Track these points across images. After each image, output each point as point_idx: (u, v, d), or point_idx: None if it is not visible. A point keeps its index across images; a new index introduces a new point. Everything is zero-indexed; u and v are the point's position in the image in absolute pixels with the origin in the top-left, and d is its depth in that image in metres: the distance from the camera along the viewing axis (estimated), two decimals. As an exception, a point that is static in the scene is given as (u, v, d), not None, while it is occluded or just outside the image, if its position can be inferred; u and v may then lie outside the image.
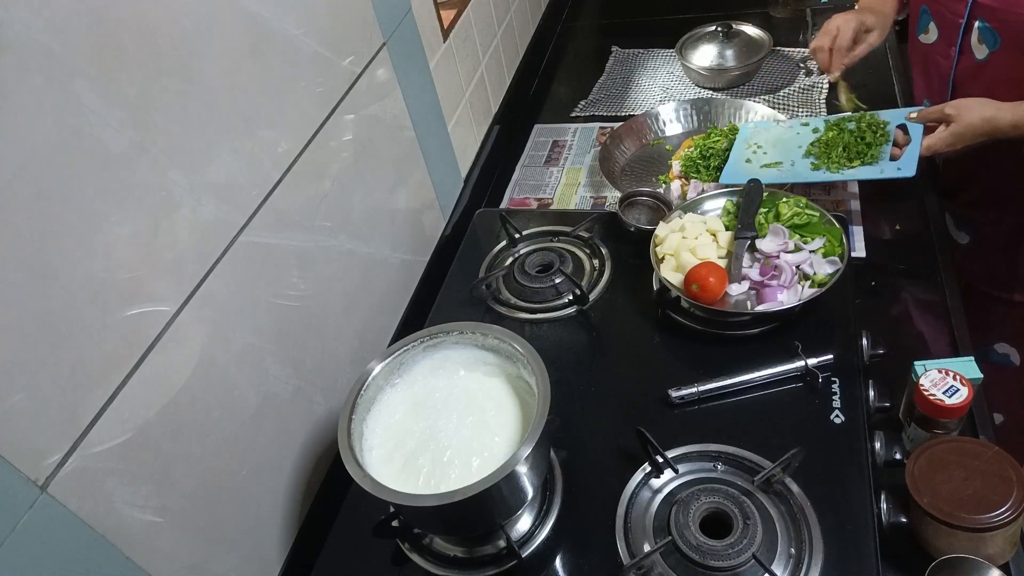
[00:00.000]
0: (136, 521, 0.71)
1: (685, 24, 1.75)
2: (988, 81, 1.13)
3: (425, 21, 1.25)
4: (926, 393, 0.88)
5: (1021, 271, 1.32)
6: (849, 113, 1.28)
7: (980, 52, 1.14)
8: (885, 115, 1.23)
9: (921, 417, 0.90)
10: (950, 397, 0.87)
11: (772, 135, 1.32)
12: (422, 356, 0.93)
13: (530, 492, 0.84)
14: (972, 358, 0.94)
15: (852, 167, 1.19)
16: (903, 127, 1.19)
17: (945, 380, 0.88)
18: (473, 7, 1.47)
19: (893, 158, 1.17)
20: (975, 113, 1.08)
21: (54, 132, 0.61)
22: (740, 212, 1.14)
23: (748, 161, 1.28)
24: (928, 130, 1.15)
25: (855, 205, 1.33)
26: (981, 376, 0.91)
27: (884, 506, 0.85)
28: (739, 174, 1.25)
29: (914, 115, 1.18)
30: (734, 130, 1.40)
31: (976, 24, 1.12)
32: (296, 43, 0.92)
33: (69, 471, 0.64)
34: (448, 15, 1.36)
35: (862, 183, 1.36)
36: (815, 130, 1.29)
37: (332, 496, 1.00)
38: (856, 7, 1.33)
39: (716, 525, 0.83)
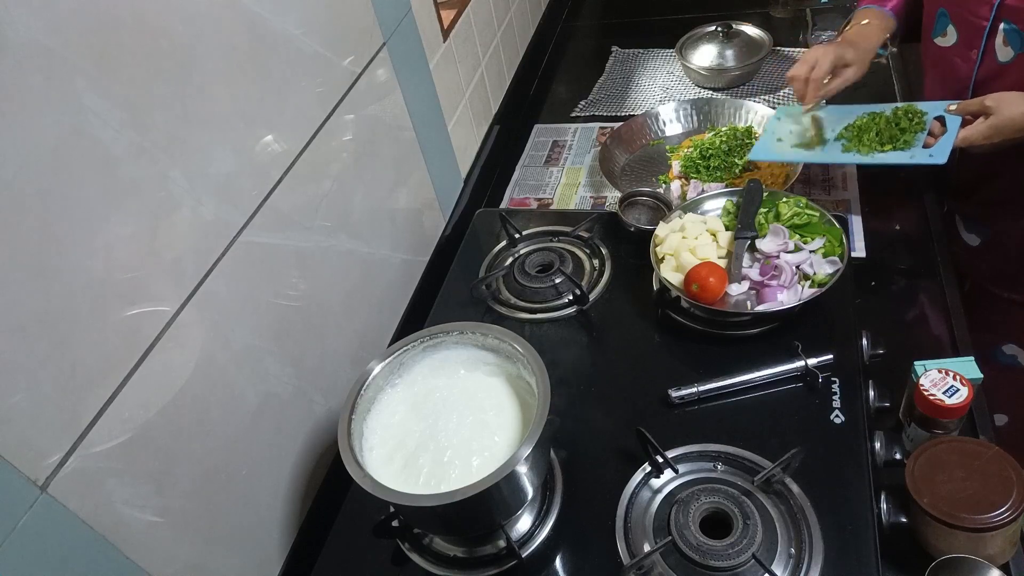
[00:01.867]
0: (136, 521, 0.71)
1: (685, 24, 1.75)
2: (1011, 83, 1.12)
3: (425, 21, 1.25)
4: (926, 393, 0.88)
5: None
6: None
7: (1004, 54, 1.14)
8: (923, 106, 1.23)
9: (921, 417, 0.90)
10: (950, 397, 0.87)
11: (806, 120, 1.32)
12: (422, 356, 0.93)
13: (530, 492, 0.84)
14: (972, 358, 0.94)
15: (883, 151, 1.19)
16: (941, 119, 1.19)
17: (945, 380, 0.88)
18: (473, 7, 1.47)
19: (926, 147, 1.16)
20: (1015, 107, 1.07)
21: (54, 132, 0.61)
22: (740, 212, 1.14)
23: (779, 140, 1.29)
24: (965, 123, 1.15)
25: (855, 205, 1.33)
26: (981, 376, 0.91)
27: (884, 506, 0.85)
28: (769, 152, 1.27)
29: (953, 107, 1.17)
30: (734, 130, 1.41)
31: (1001, 26, 1.12)
32: (296, 43, 0.92)
33: (69, 471, 0.64)
34: (448, 15, 1.36)
35: (863, 181, 1.36)
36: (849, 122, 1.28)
37: (332, 496, 1.00)
38: (839, 39, 1.33)
39: (716, 525, 0.83)
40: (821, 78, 1.25)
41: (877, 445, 0.90)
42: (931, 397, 0.87)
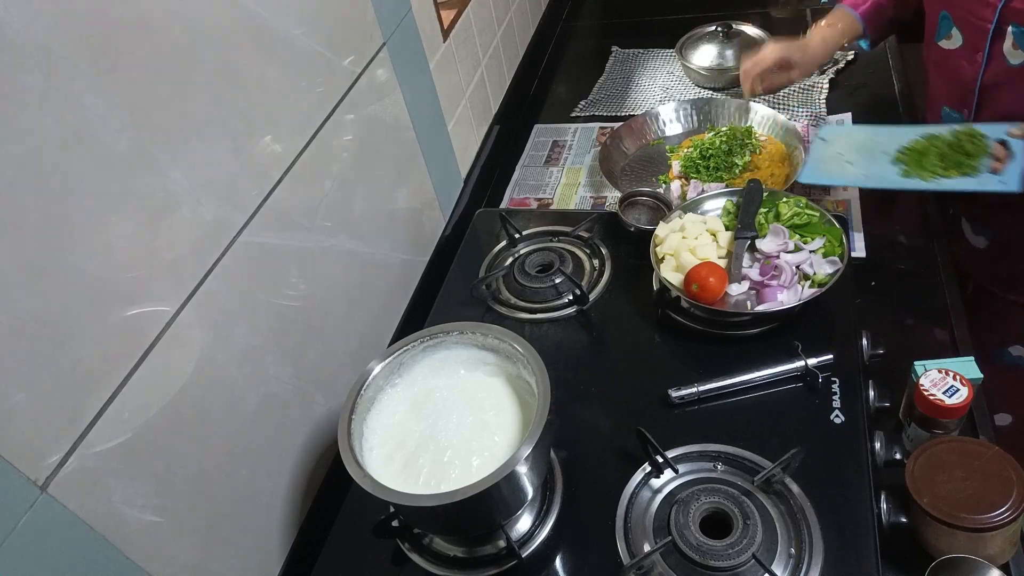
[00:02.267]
0: (136, 521, 0.71)
1: (685, 24, 1.75)
2: (1022, 87, 1.11)
3: (425, 21, 1.25)
4: (926, 393, 0.88)
5: None
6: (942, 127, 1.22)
7: (1015, 57, 1.12)
8: (983, 128, 1.19)
9: (921, 417, 0.90)
10: (950, 397, 0.87)
11: (853, 140, 1.29)
12: (422, 356, 0.93)
13: (530, 492, 0.84)
14: (972, 358, 0.94)
15: (947, 176, 1.15)
16: (1004, 142, 1.15)
17: (945, 380, 0.88)
18: (473, 7, 1.47)
19: (992, 171, 1.13)
20: None
21: (54, 132, 0.61)
22: (740, 212, 1.14)
23: (830, 161, 1.26)
24: None
25: (855, 205, 1.33)
26: (981, 376, 0.91)
27: (884, 506, 0.85)
28: (821, 174, 1.23)
29: (1016, 131, 1.14)
30: (734, 130, 1.41)
31: (1009, 29, 1.11)
32: (296, 43, 0.92)
33: (69, 471, 0.64)
34: (448, 15, 1.36)
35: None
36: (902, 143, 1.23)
37: (332, 496, 1.00)
38: (801, 37, 1.35)
39: (716, 525, 0.83)
40: (759, 74, 1.33)
41: (877, 445, 0.90)
42: (931, 397, 0.87)
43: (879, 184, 1.20)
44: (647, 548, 0.83)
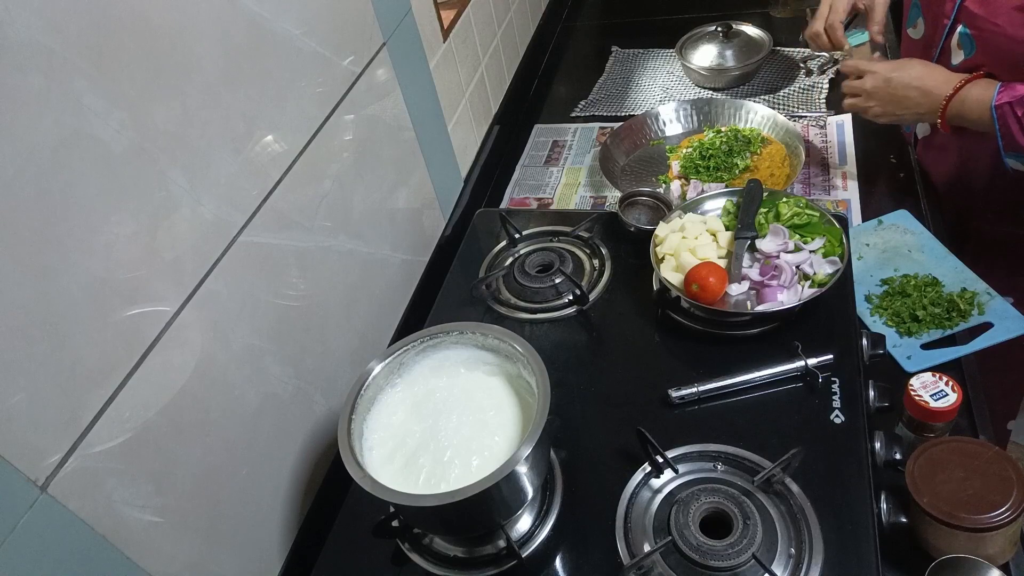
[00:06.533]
0: (136, 521, 0.72)
1: (685, 24, 1.75)
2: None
3: (425, 21, 1.25)
4: (914, 395, 0.88)
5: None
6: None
7: (956, 57, 1.13)
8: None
9: (909, 419, 0.91)
10: (936, 401, 0.87)
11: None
12: (422, 356, 0.93)
13: (530, 492, 0.84)
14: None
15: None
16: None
17: (937, 384, 0.89)
18: (473, 7, 1.47)
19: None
20: None
21: (54, 132, 0.61)
22: (740, 212, 1.14)
23: None
24: None
25: (855, 205, 1.33)
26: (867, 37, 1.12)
27: (884, 506, 0.85)
28: None
29: None
30: (735, 131, 1.41)
31: (959, 28, 1.11)
32: (296, 43, 0.92)
33: (69, 471, 0.64)
34: (448, 15, 1.36)
35: (863, 182, 1.36)
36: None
37: (332, 496, 1.00)
38: None
39: (716, 525, 0.83)
40: (839, 20, 1.27)
41: (877, 445, 0.90)
42: (918, 399, 0.88)
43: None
44: (647, 548, 0.83)
